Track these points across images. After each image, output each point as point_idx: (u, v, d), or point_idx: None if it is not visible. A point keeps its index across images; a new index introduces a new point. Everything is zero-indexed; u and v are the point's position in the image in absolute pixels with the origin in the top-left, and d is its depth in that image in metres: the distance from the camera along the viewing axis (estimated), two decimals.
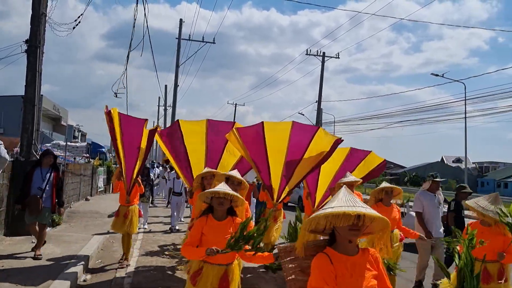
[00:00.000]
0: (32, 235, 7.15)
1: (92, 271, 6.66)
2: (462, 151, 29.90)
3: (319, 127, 7.14)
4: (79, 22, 9.82)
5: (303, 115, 36.74)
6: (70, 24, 9.91)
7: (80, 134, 48.18)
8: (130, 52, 10.49)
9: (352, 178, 6.14)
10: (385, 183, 5.59)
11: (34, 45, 8.66)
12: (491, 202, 4.13)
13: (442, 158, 66.97)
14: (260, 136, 6.59)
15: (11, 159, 8.24)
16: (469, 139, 43.96)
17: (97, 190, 18.97)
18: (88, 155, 21.15)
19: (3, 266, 6.06)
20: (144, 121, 7.22)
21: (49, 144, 22.11)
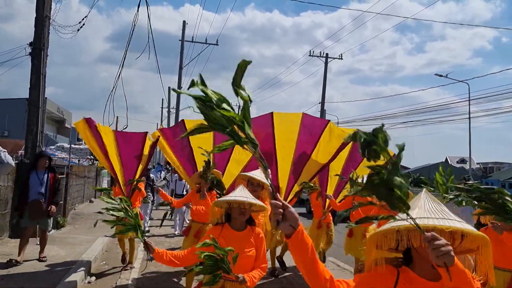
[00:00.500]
0: (21, 245, 6.62)
1: (97, 273, 6.67)
2: (467, 151, 29.85)
3: (329, 120, 6.77)
4: (83, 24, 9.86)
5: None
6: (74, 26, 9.95)
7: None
8: (126, 54, 10.49)
9: None
10: None
11: (38, 47, 8.70)
12: None
13: (446, 159, 66.67)
14: (269, 128, 6.23)
15: (16, 161, 8.28)
16: (473, 139, 43.81)
17: (101, 192, 19.03)
18: (92, 157, 21.21)
19: (9, 270, 6.09)
20: (144, 134, 7.09)
21: (53, 147, 22.21)
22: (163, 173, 18.55)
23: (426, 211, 1.53)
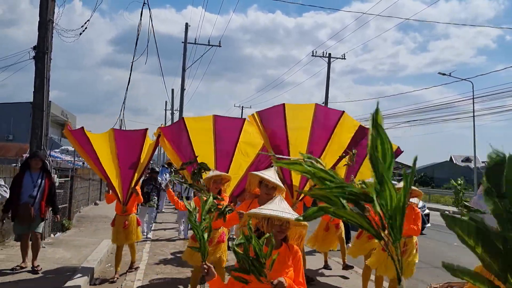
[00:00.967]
0: (22, 252, 6.38)
1: (102, 275, 6.69)
2: (471, 150, 29.70)
3: (343, 111, 6.20)
4: (86, 28, 9.88)
5: None
6: (77, 30, 9.97)
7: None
8: (135, 59, 10.54)
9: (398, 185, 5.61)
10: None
11: (42, 51, 8.74)
12: None
13: (451, 158, 66.45)
14: (280, 120, 5.85)
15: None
16: (477, 138, 43.57)
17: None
18: None
19: (16, 270, 6.11)
20: (143, 131, 6.85)
21: (58, 150, 22.32)
22: (167, 175, 18.16)
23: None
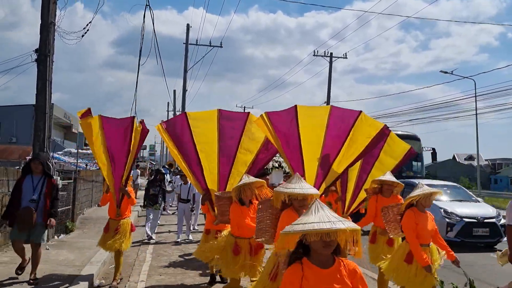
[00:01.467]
0: (18, 254, 5.87)
1: (106, 276, 6.70)
2: (474, 148, 29.61)
3: (361, 111, 5.73)
4: (88, 30, 9.90)
5: None
6: (79, 32, 9.99)
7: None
8: (140, 63, 10.56)
9: (392, 178, 5.40)
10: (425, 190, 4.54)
11: (44, 54, 8.76)
12: None
13: (454, 156, 66.29)
14: (293, 123, 5.47)
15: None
16: (480, 136, 43.48)
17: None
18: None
19: (20, 274, 6.13)
20: (131, 119, 6.39)
21: (61, 152, 22.37)
22: (168, 176, 17.80)
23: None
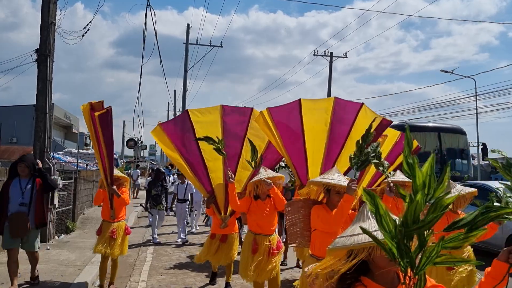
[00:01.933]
0: (10, 271, 5.38)
1: (107, 276, 6.70)
2: (474, 147, 29.54)
3: (363, 103, 5.61)
4: (88, 30, 9.91)
5: None
6: (79, 32, 10.00)
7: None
8: (143, 62, 10.55)
9: (403, 178, 4.74)
10: None
11: (44, 54, 8.77)
12: None
13: None
14: (296, 118, 5.30)
15: None
16: (481, 135, 43.42)
17: None
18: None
19: (20, 275, 6.13)
20: (108, 110, 5.66)
21: (61, 152, 22.40)
22: (171, 177, 17.33)
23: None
